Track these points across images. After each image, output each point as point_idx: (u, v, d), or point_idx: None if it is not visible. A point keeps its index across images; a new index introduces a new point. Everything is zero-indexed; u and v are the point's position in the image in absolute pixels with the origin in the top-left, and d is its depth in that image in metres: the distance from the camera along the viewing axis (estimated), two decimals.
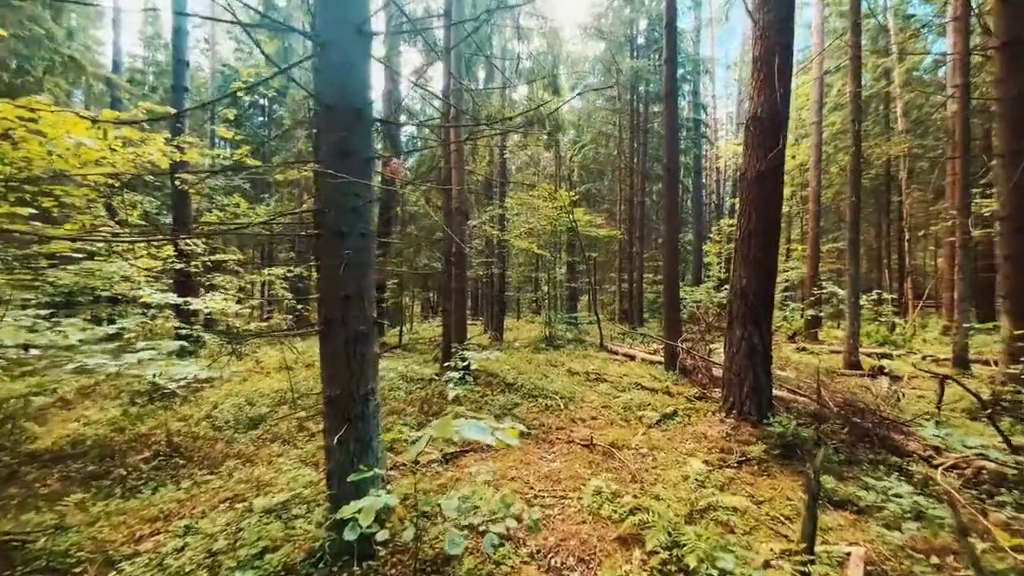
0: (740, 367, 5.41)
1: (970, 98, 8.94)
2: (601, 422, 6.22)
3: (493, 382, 7.91)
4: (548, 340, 13.85)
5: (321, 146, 3.05)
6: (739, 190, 5.57)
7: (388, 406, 6.41)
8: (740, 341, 5.40)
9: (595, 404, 7.10)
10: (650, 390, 7.76)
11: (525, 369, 9.08)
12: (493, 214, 14.22)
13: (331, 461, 3.01)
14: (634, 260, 19.13)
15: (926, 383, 8.54)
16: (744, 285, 5.37)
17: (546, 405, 6.89)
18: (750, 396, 5.34)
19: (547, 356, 11.30)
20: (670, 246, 8.89)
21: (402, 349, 12.39)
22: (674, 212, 8.96)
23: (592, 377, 8.92)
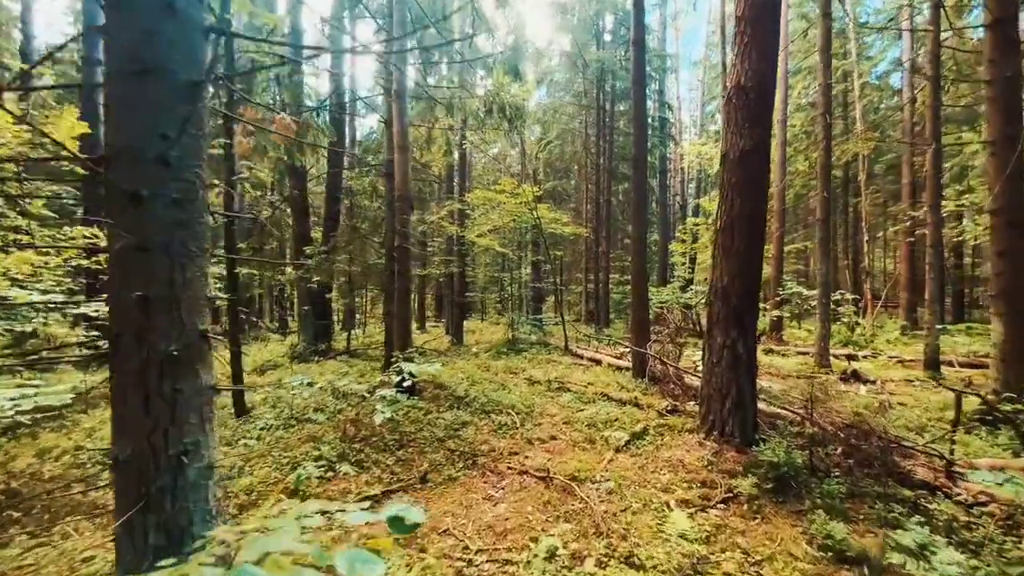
0: (722, 380, 4.56)
1: (940, 89, 8.53)
2: (562, 443, 5.26)
3: (441, 395, 6.84)
4: (511, 344, 12.86)
5: (109, 51, 1.92)
6: (719, 173, 4.72)
7: (305, 431, 5.23)
8: (722, 349, 4.54)
9: (556, 420, 6.14)
10: (617, 402, 6.87)
11: (481, 378, 8.04)
12: (452, 209, 13.12)
13: (120, 558, 1.88)
14: (600, 260, 18.42)
15: (901, 387, 8.05)
16: (726, 284, 4.52)
17: (500, 423, 5.87)
18: (733, 414, 4.49)
19: (508, 362, 10.30)
20: (638, 244, 8.06)
21: (348, 355, 11.11)
22: (642, 208, 8.14)
23: (554, 386, 7.98)
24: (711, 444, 4.49)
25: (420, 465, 4.59)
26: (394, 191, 6.88)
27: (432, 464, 4.58)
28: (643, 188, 8.07)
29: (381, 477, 4.29)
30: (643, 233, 8.08)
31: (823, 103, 9.39)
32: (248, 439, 5.04)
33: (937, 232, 8.56)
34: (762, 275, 4.74)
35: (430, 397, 6.73)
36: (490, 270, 22.35)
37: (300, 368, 9.45)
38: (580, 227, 16.80)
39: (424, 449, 4.96)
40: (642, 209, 8.05)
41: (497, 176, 19.88)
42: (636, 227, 8.02)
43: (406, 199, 6.79)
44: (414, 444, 5.08)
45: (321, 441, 4.87)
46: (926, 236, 15.48)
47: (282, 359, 10.65)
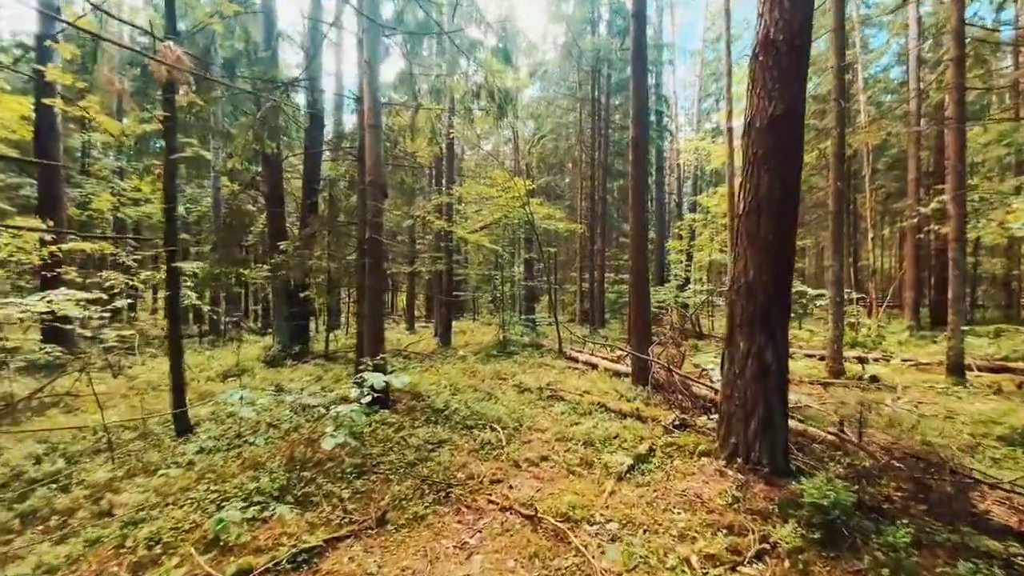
0: (745, 395, 3.74)
1: (965, 72, 7.79)
2: (553, 469, 4.42)
3: (417, 408, 5.98)
4: (502, 346, 12.03)
5: None
6: (743, 144, 3.90)
7: (249, 454, 4.35)
8: (746, 358, 3.72)
9: (547, 437, 5.30)
10: (616, 413, 6.05)
11: (465, 386, 7.19)
12: (440, 202, 12.26)
13: None
14: (596, 258, 17.61)
15: (928, 395, 7.29)
16: (751, 279, 3.70)
17: (482, 441, 5.02)
18: (761, 437, 3.68)
19: (497, 366, 9.46)
20: (638, 238, 7.25)
21: (326, 358, 10.23)
22: (641, 196, 7.33)
23: (546, 394, 7.15)
24: (734, 474, 3.67)
25: (381, 499, 3.74)
26: (365, 176, 6.02)
27: (396, 498, 3.73)
28: (643, 174, 7.26)
29: (330, 518, 3.42)
30: (643, 224, 7.27)
31: (836, 87, 8.62)
32: (175, 467, 4.16)
33: (961, 225, 7.81)
34: (794, 268, 3.93)
35: (404, 410, 5.87)
36: (483, 268, 21.49)
37: (268, 374, 8.56)
38: (575, 224, 16.01)
39: (389, 477, 4.11)
40: (641, 197, 7.24)
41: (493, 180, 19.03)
42: (635, 218, 7.20)
43: (378, 185, 5.93)
44: (378, 471, 4.22)
45: (264, 468, 4.00)
46: (932, 233, 14.84)
47: (253, 363, 9.74)
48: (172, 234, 5.21)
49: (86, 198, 12.38)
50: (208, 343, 12.47)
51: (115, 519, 3.31)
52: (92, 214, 12.27)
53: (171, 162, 5.14)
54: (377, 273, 5.95)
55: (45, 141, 10.13)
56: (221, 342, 12.93)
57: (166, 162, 5.13)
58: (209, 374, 8.58)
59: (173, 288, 5.15)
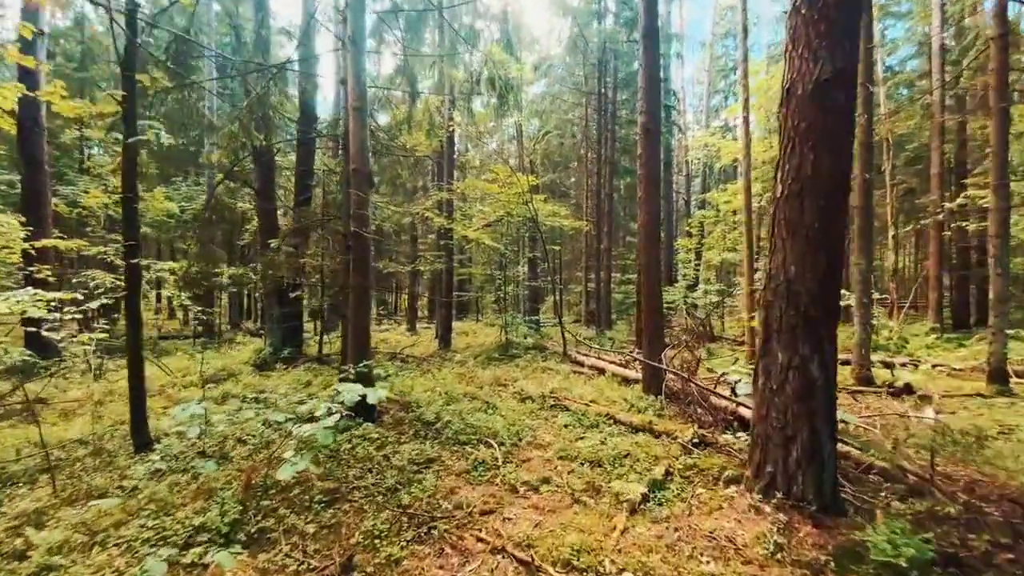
0: (785, 416, 3.09)
1: (1008, 50, 7.07)
2: (555, 496, 3.79)
3: (406, 420, 5.38)
4: (504, 348, 11.42)
5: None
6: (781, 118, 3.26)
7: (200, 480, 3.76)
8: (786, 371, 3.08)
9: (549, 454, 4.68)
10: (627, 426, 5.41)
11: (460, 394, 6.58)
12: (439, 198, 11.68)
13: None
14: (602, 258, 16.96)
15: (972, 406, 6.57)
16: (793, 276, 3.05)
17: (475, 460, 4.41)
18: (805, 468, 3.03)
19: (498, 370, 8.84)
20: (651, 231, 6.60)
21: (319, 362, 9.66)
22: (655, 186, 6.69)
23: (549, 403, 6.52)
24: (772, 511, 3.02)
25: (351, 536, 3.14)
26: (349, 164, 5.44)
27: (368, 535, 3.13)
28: (656, 161, 6.62)
29: (285, 563, 2.82)
30: (657, 217, 6.63)
31: (863, 71, 7.91)
32: (120, 492, 3.59)
33: (1004, 219, 7.09)
34: (843, 263, 3.28)
35: (390, 423, 5.27)
36: (486, 268, 20.90)
37: (254, 380, 8.00)
38: (580, 221, 15.37)
39: (364, 507, 3.51)
40: (655, 188, 6.60)
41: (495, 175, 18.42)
42: (648, 210, 6.56)
43: (363, 174, 5.34)
44: (352, 498, 3.63)
45: (217, 498, 3.41)
46: (956, 230, 14.03)
47: (242, 367, 9.21)
48: (132, 228, 4.65)
49: (77, 195, 11.93)
50: (201, 345, 11.98)
51: (27, 562, 2.74)
52: (82, 211, 11.82)
53: (130, 147, 4.59)
54: (362, 271, 5.36)
55: (29, 136, 9.70)
56: (215, 344, 12.44)
57: (125, 147, 4.57)
58: (192, 379, 8.04)
59: (132, 288, 4.60)
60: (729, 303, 17.74)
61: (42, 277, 7.74)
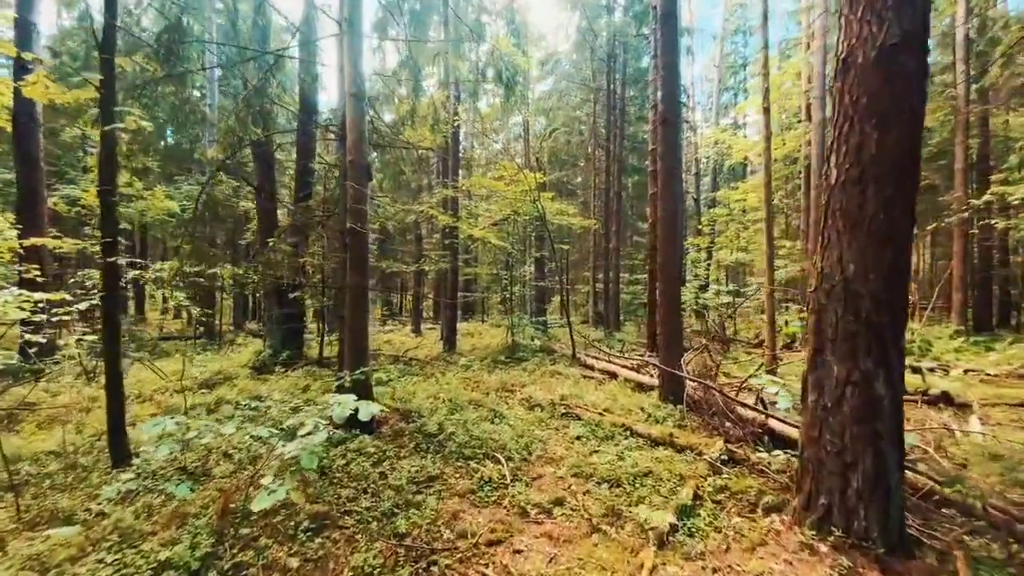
0: (844, 438, 2.64)
1: None
2: (570, 523, 3.36)
3: (406, 431, 4.96)
4: (510, 351, 10.99)
5: None
6: (836, 92, 2.81)
7: (172, 507, 3.36)
8: (844, 386, 2.63)
9: (562, 471, 4.25)
10: (646, 439, 4.97)
11: (465, 401, 6.16)
12: (443, 196, 11.28)
13: None
14: (610, 257, 16.49)
15: (1013, 414, 6.06)
16: (852, 276, 2.60)
17: (481, 479, 3.99)
18: (868, 499, 2.58)
19: (504, 375, 8.42)
20: (670, 226, 6.14)
21: (319, 365, 9.29)
22: (672, 177, 6.23)
23: (560, 411, 6.09)
24: (829, 551, 2.57)
25: (339, 572, 2.73)
26: (345, 156, 5.05)
27: (358, 573, 2.72)
28: (675, 151, 6.17)
29: None
30: (675, 210, 6.18)
31: None
32: (79, 519, 3.21)
33: None
34: (910, 261, 2.83)
35: (389, 435, 4.86)
36: (492, 268, 20.50)
37: (250, 384, 7.64)
38: (588, 220, 14.92)
39: (356, 535, 3.10)
40: (673, 177, 6.15)
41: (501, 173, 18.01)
42: (665, 202, 6.10)
43: (360, 167, 4.94)
44: (343, 524, 3.22)
45: (192, 525, 3.02)
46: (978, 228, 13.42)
47: (240, 370, 8.86)
48: (110, 222, 4.29)
49: (78, 194, 11.65)
50: (200, 347, 11.67)
51: None
52: (81, 210, 11.54)
53: (108, 137, 4.22)
54: (360, 269, 4.96)
55: (24, 131, 9.41)
56: (215, 346, 12.13)
57: (102, 136, 4.20)
58: (187, 382, 7.68)
59: (110, 288, 4.23)
60: (739, 304, 17.19)
61: (30, 277, 7.41)
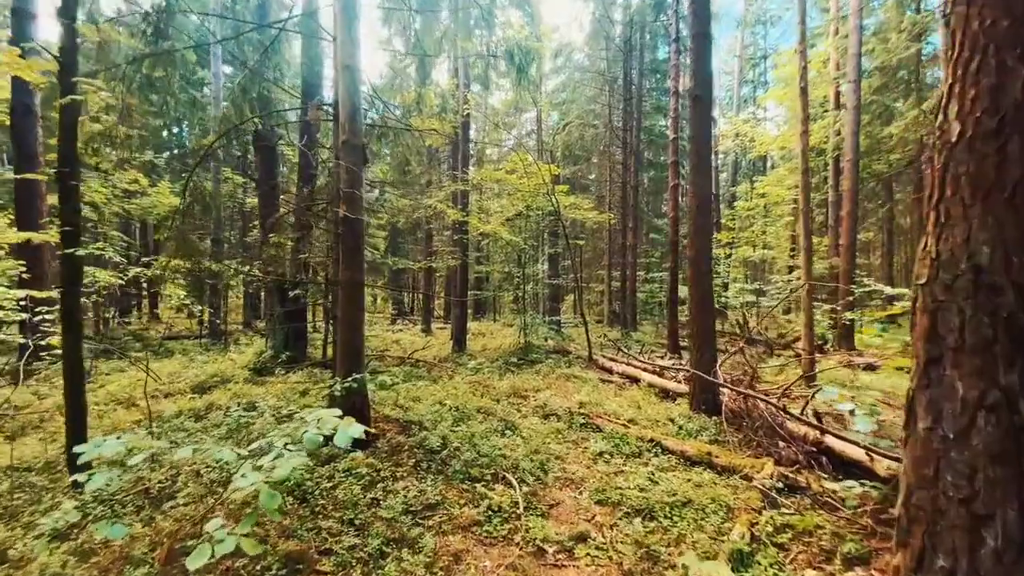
0: (974, 481, 1.94)
1: None
2: (596, 569, 2.73)
3: (406, 446, 4.36)
4: (523, 352, 10.37)
5: None
6: (952, 21, 2.07)
7: (110, 551, 2.80)
8: (975, 410, 1.92)
9: (583, 499, 3.61)
10: (679, 456, 4.30)
11: (473, 409, 5.55)
12: (452, 190, 10.70)
13: None
14: (627, 254, 15.75)
15: None
16: (987, 263, 1.89)
17: (489, 508, 3.37)
18: (1012, 567, 1.88)
19: (516, 379, 7.79)
20: (700, 216, 5.46)
21: (323, 366, 8.78)
22: (705, 160, 5.54)
23: (578, 421, 5.44)
24: None
25: None
26: (338, 135, 4.48)
27: None
28: (707, 129, 5.49)
29: None
30: (708, 196, 5.50)
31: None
32: (13, 552, 2.67)
33: None
34: None
35: (387, 450, 4.26)
36: (504, 265, 19.90)
37: (247, 387, 7.14)
38: (605, 213, 14.20)
39: None
40: (705, 160, 5.46)
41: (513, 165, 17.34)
42: (697, 188, 5.41)
43: (355, 148, 4.36)
44: (320, 570, 2.63)
45: (129, 574, 2.45)
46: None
47: (240, 371, 8.39)
48: (70, 210, 3.77)
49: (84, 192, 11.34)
50: (204, 347, 11.29)
51: None
52: (85, 206, 11.23)
53: (69, 111, 3.71)
54: (353, 263, 4.38)
55: (20, 123, 9.08)
56: (219, 345, 11.75)
57: (61, 110, 3.69)
58: (180, 386, 7.24)
59: (70, 284, 3.71)
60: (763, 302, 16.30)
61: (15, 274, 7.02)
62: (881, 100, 14.94)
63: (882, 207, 20.42)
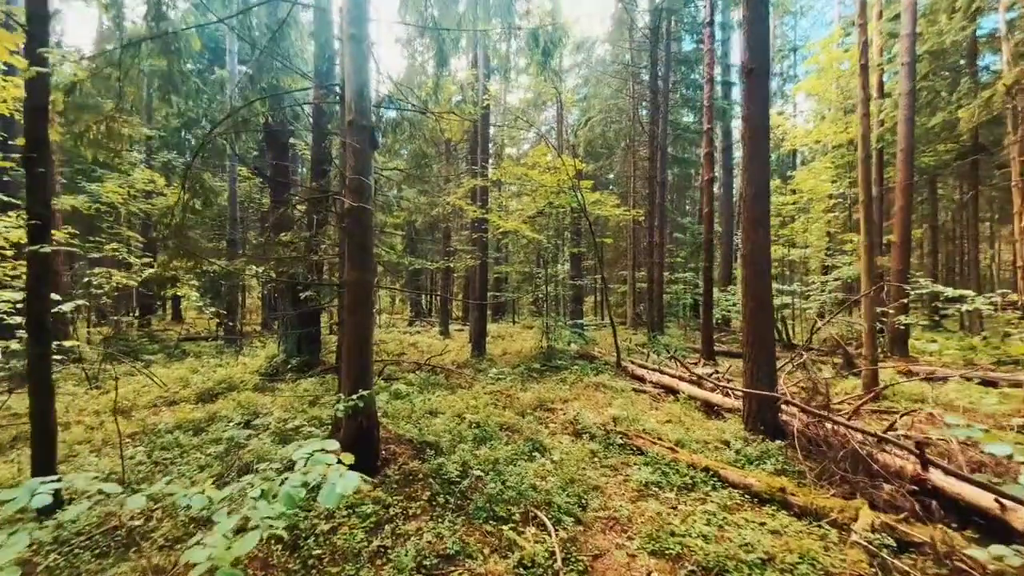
0: None
1: None
2: None
3: (420, 473, 3.73)
4: (546, 357, 9.69)
5: None
6: None
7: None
8: None
9: (634, 548, 2.92)
10: (743, 491, 3.56)
11: (496, 426, 4.90)
12: (471, 186, 10.11)
13: None
14: (653, 253, 14.89)
15: None
16: None
17: (520, 561, 2.70)
18: None
19: (541, 389, 7.12)
20: (756, 203, 4.70)
21: (336, 372, 8.24)
22: (762, 140, 4.78)
23: (615, 441, 4.73)
24: None
25: None
26: (344, 114, 3.90)
27: None
28: (764, 106, 4.73)
29: None
30: (766, 183, 4.73)
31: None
32: None
33: None
34: None
35: (398, 478, 3.64)
36: (524, 266, 19.21)
37: (253, 395, 6.65)
38: (632, 210, 13.42)
39: None
40: (763, 140, 4.70)
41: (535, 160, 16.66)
42: (753, 172, 4.65)
43: (362, 129, 3.77)
44: None
45: None
46: None
47: (250, 376, 7.93)
48: (39, 199, 3.29)
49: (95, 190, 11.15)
50: (216, 350, 10.95)
51: None
52: (100, 207, 11.03)
53: (36, 87, 3.23)
54: (361, 262, 3.79)
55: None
56: (235, 348, 11.40)
57: (27, 83, 3.22)
58: (187, 393, 6.80)
59: (37, 285, 3.22)
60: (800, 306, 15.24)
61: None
62: (932, 86, 13.74)
63: (922, 203, 19.05)
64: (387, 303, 28.48)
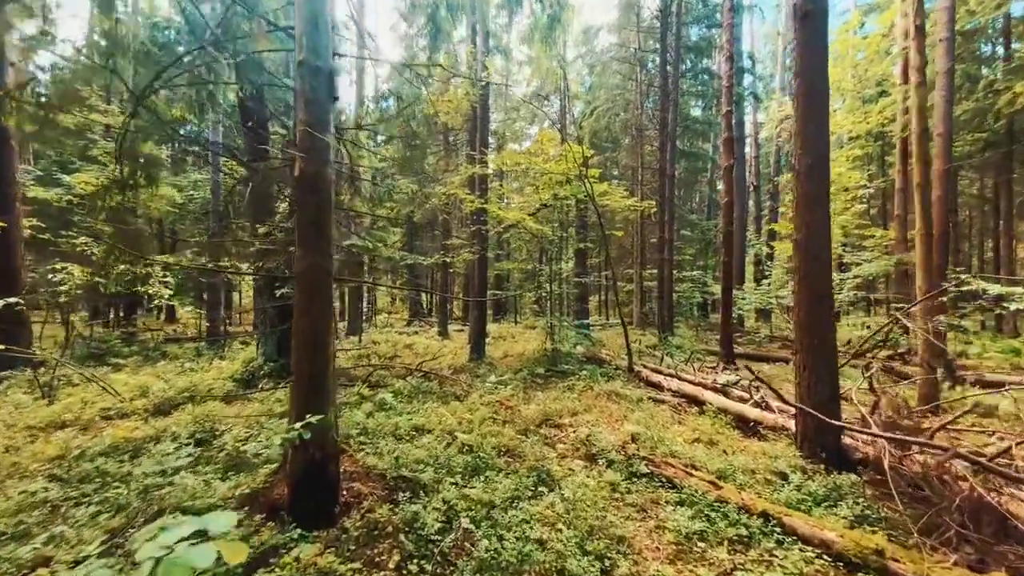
0: None
1: None
2: None
3: (391, 523, 2.79)
4: (551, 360, 8.78)
5: None
6: None
7: None
8: None
9: None
10: (821, 549, 2.64)
11: (492, 450, 3.98)
12: (468, 174, 9.19)
13: None
14: (664, 249, 13.94)
15: None
16: None
17: None
18: None
19: (545, 398, 6.20)
20: (817, 174, 3.77)
21: None
22: (820, 101, 3.85)
23: (639, 470, 3.80)
24: None
25: None
26: (296, 54, 3.00)
27: None
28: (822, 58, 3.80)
29: None
30: (826, 153, 3.81)
31: None
32: None
33: None
34: None
35: (360, 528, 2.70)
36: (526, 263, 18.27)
37: (215, 408, 5.74)
38: (645, 201, 12.47)
39: None
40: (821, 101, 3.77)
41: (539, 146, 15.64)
42: (809, 139, 3.73)
43: (318, 70, 2.88)
44: None
45: None
46: None
47: (222, 383, 7.03)
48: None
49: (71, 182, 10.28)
50: (196, 351, 10.06)
51: None
52: (72, 199, 10.15)
53: None
54: (314, 244, 2.88)
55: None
56: (216, 350, 10.51)
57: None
58: (142, 403, 5.91)
59: None
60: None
61: None
62: (965, 69, 12.74)
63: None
64: (387, 302, 27.60)
